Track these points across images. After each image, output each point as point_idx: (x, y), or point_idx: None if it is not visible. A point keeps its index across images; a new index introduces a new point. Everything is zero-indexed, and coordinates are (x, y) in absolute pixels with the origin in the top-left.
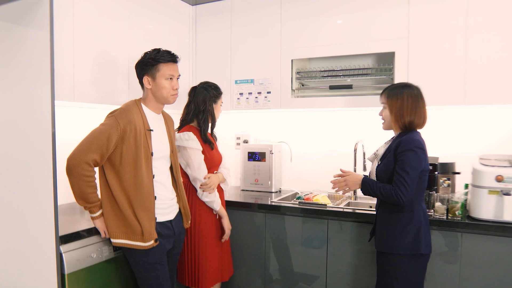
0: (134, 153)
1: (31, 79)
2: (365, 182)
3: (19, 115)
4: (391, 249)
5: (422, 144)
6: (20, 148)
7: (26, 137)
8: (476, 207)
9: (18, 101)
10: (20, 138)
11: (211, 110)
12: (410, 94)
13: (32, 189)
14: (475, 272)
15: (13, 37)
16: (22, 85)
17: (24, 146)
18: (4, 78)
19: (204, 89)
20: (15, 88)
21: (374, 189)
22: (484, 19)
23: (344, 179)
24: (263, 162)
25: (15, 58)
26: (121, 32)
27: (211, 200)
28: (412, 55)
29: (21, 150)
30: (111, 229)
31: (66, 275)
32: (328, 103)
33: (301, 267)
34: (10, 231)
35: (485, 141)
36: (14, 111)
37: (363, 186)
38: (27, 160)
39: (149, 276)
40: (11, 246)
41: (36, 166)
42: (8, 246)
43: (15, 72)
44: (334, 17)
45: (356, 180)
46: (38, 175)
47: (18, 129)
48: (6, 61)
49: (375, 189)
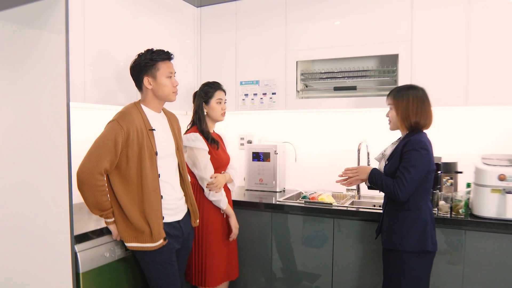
0: (138, 154)
1: (45, 81)
2: (373, 173)
3: (33, 117)
4: (398, 246)
5: (427, 145)
6: (35, 149)
7: (41, 138)
8: (479, 205)
9: (32, 103)
10: (35, 139)
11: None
12: (416, 95)
13: (47, 189)
14: (478, 269)
15: (26, 39)
16: (36, 87)
17: (40, 147)
18: (18, 80)
19: (199, 91)
20: (30, 90)
21: (378, 181)
22: (486, 21)
23: (356, 168)
24: (268, 162)
25: (29, 60)
26: (127, 34)
27: (217, 199)
28: (415, 57)
29: (36, 151)
30: (122, 233)
31: (81, 274)
32: (332, 104)
33: (307, 265)
34: (26, 231)
35: (486, 141)
36: (29, 112)
37: (371, 175)
38: (43, 161)
39: (158, 276)
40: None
41: (51, 167)
42: (24, 246)
43: (29, 74)
44: (338, 20)
45: (367, 170)
46: (53, 175)
47: (33, 130)
48: (20, 63)
49: (378, 181)
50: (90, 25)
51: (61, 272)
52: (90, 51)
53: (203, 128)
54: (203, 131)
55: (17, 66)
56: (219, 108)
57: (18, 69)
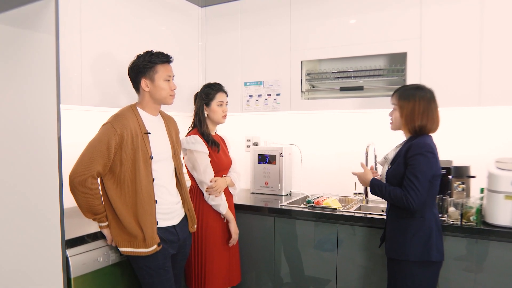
0: (132, 158)
1: (38, 83)
2: (373, 184)
3: (25, 119)
4: (401, 255)
5: (433, 148)
6: (27, 152)
7: (32, 141)
8: (492, 212)
9: (25, 105)
10: (26, 142)
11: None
12: (423, 97)
13: (38, 193)
14: (491, 280)
15: (20, 41)
16: (30, 88)
17: (30, 150)
18: (11, 82)
19: (199, 92)
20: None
21: (383, 192)
22: (501, 16)
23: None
24: (273, 164)
25: (22, 62)
26: (129, 35)
27: (217, 204)
28: (424, 55)
29: (27, 154)
30: (115, 238)
31: (72, 279)
32: (338, 105)
33: (311, 271)
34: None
35: (501, 144)
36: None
37: (372, 188)
38: (33, 164)
39: (152, 282)
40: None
41: (42, 170)
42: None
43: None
44: (345, 18)
45: (365, 180)
46: (44, 179)
47: (24, 133)
48: (14, 65)
49: (384, 192)
50: (88, 27)
51: (52, 277)
52: (89, 53)
53: (204, 131)
54: (204, 134)
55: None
56: (220, 111)
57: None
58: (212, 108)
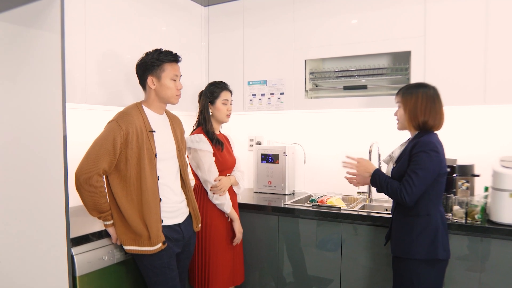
0: (137, 156)
1: (43, 82)
2: (375, 174)
3: (30, 118)
4: (407, 254)
5: (438, 146)
6: (32, 151)
7: (38, 139)
8: (497, 210)
9: (30, 104)
10: (31, 141)
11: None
12: (426, 94)
13: (43, 191)
14: (495, 279)
15: (25, 40)
16: (34, 87)
17: (36, 149)
18: (16, 80)
19: (204, 90)
20: (27, 91)
21: (382, 183)
22: (506, 14)
23: (356, 160)
24: (277, 164)
25: (26, 61)
26: (133, 34)
27: (221, 203)
28: (428, 54)
29: (33, 152)
30: (120, 236)
31: (78, 278)
32: (342, 104)
33: (314, 270)
34: (21, 234)
35: (506, 142)
36: (25, 113)
37: (373, 177)
38: (39, 163)
39: (157, 281)
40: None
41: (48, 169)
42: (20, 249)
43: (28, 74)
44: (348, 16)
45: (368, 169)
46: (50, 177)
47: (29, 132)
48: (18, 64)
49: (383, 183)
50: (92, 25)
51: (57, 275)
52: (93, 51)
53: (208, 129)
54: (208, 132)
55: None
56: (224, 109)
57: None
58: (216, 106)
